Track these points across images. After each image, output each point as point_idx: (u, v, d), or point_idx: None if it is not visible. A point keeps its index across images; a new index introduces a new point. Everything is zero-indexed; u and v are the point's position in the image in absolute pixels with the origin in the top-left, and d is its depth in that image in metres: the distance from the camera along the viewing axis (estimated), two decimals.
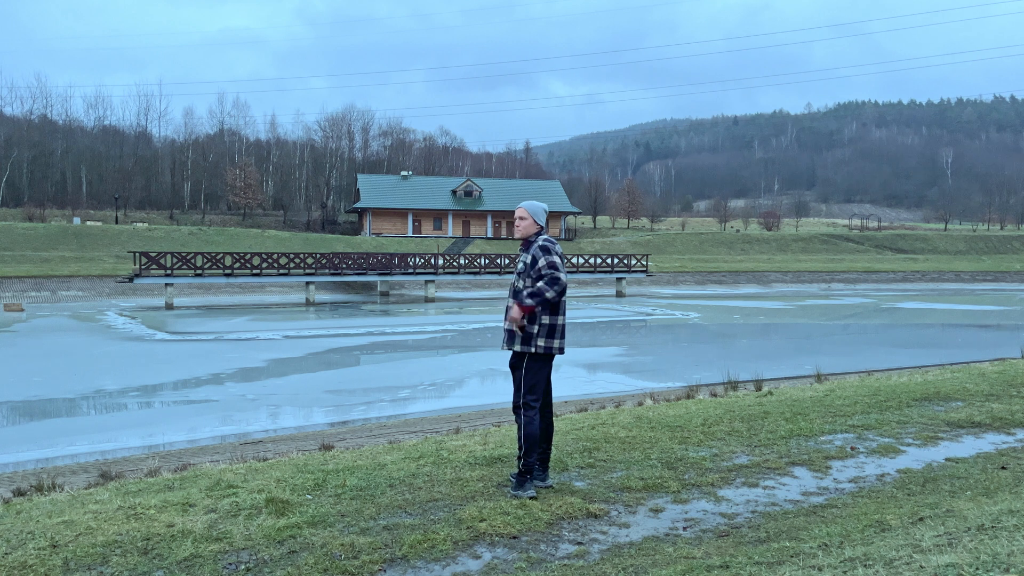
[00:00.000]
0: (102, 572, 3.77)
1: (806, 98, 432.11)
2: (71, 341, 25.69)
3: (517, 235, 5.50)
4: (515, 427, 6.23)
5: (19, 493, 6.70)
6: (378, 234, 72.73)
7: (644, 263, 52.92)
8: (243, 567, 3.84)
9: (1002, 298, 50.58)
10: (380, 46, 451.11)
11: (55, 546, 4.06)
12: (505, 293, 7.05)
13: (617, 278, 50.77)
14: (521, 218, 5.45)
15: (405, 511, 4.69)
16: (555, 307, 5.25)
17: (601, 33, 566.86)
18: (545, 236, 5.43)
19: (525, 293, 5.18)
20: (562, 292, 5.19)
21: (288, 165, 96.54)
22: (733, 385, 11.83)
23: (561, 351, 5.33)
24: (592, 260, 51.60)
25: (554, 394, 5.58)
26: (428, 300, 44.81)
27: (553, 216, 78.48)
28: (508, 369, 5.40)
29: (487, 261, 48.56)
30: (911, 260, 74.88)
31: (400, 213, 75.13)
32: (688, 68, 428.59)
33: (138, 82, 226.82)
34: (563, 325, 5.33)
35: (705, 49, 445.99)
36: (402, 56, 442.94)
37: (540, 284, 5.15)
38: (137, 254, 40.73)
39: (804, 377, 14.90)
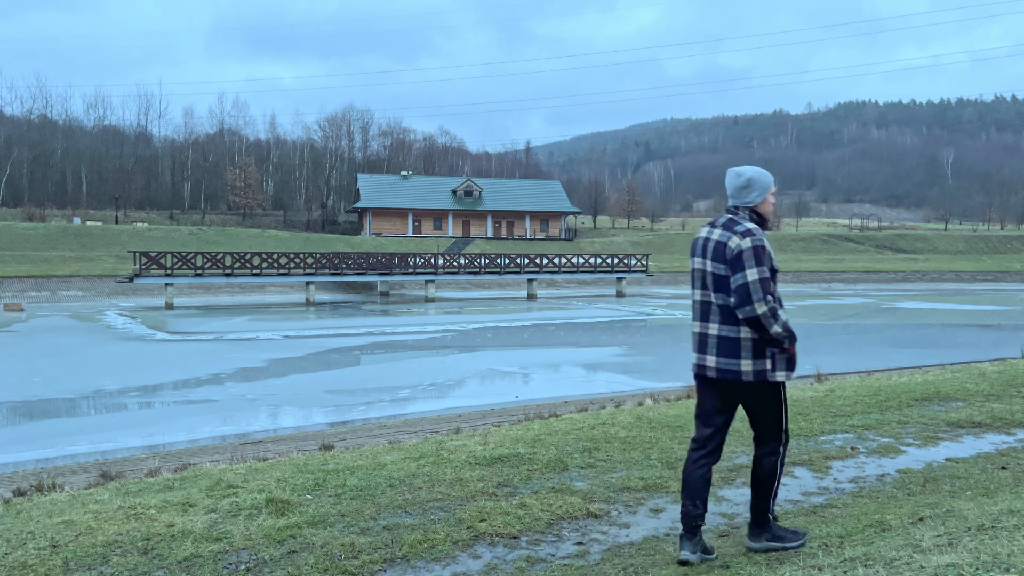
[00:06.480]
0: (102, 572, 3.77)
1: (806, 98, 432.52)
2: (71, 341, 25.68)
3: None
4: (515, 427, 6.20)
5: (19, 493, 6.69)
6: (378, 234, 72.71)
7: (644, 263, 52.89)
8: (243, 567, 3.84)
9: (1002, 298, 50.57)
10: (382, 48, 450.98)
11: (55, 546, 4.06)
12: (505, 293, 6.68)
13: (617, 278, 50.75)
14: None
15: (405, 511, 4.68)
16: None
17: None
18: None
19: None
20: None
21: (288, 165, 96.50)
22: None
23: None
24: (592, 260, 51.58)
25: (554, 393, 5.53)
26: (428, 300, 44.80)
27: (553, 216, 78.49)
28: (507, 369, 5.22)
29: (487, 261, 48.56)
30: (911, 260, 74.86)
31: (400, 213, 75.12)
32: (686, 68, 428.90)
33: (138, 82, 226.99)
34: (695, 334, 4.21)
35: (702, 50, 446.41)
36: (403, 57, 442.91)
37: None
38: (137, 254, 40.72)
39: (804, 377, 14.85)
